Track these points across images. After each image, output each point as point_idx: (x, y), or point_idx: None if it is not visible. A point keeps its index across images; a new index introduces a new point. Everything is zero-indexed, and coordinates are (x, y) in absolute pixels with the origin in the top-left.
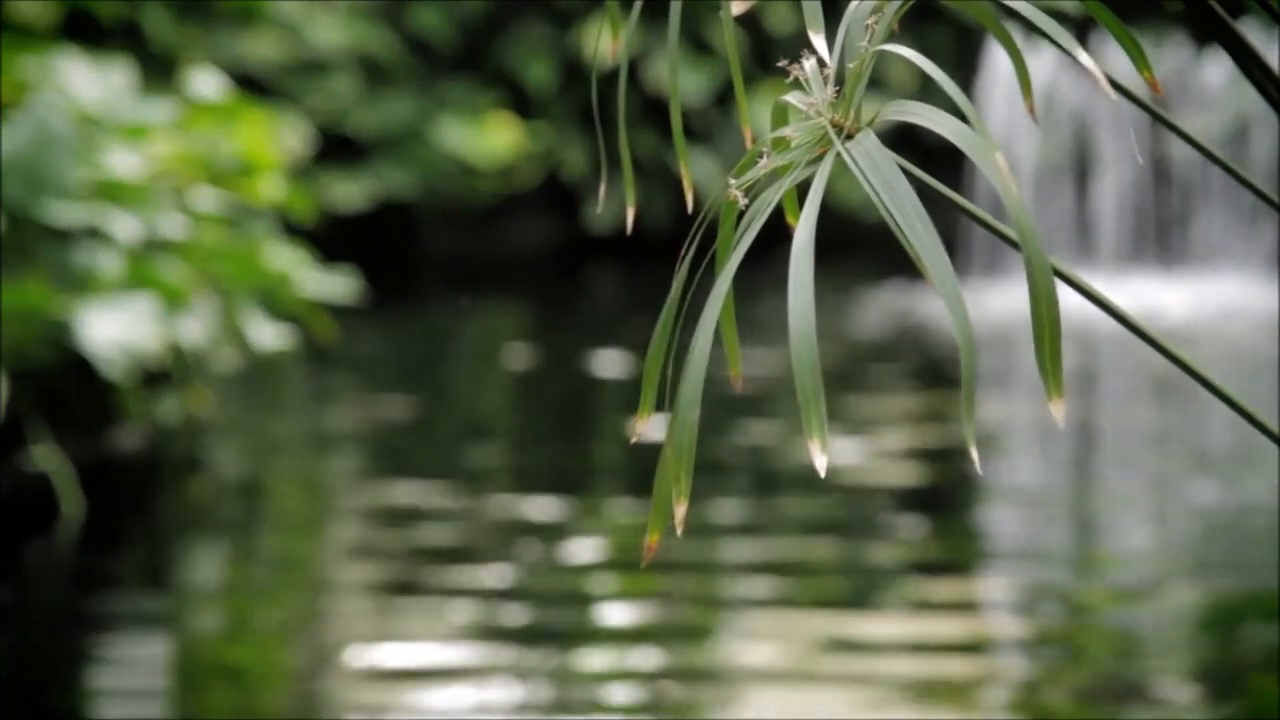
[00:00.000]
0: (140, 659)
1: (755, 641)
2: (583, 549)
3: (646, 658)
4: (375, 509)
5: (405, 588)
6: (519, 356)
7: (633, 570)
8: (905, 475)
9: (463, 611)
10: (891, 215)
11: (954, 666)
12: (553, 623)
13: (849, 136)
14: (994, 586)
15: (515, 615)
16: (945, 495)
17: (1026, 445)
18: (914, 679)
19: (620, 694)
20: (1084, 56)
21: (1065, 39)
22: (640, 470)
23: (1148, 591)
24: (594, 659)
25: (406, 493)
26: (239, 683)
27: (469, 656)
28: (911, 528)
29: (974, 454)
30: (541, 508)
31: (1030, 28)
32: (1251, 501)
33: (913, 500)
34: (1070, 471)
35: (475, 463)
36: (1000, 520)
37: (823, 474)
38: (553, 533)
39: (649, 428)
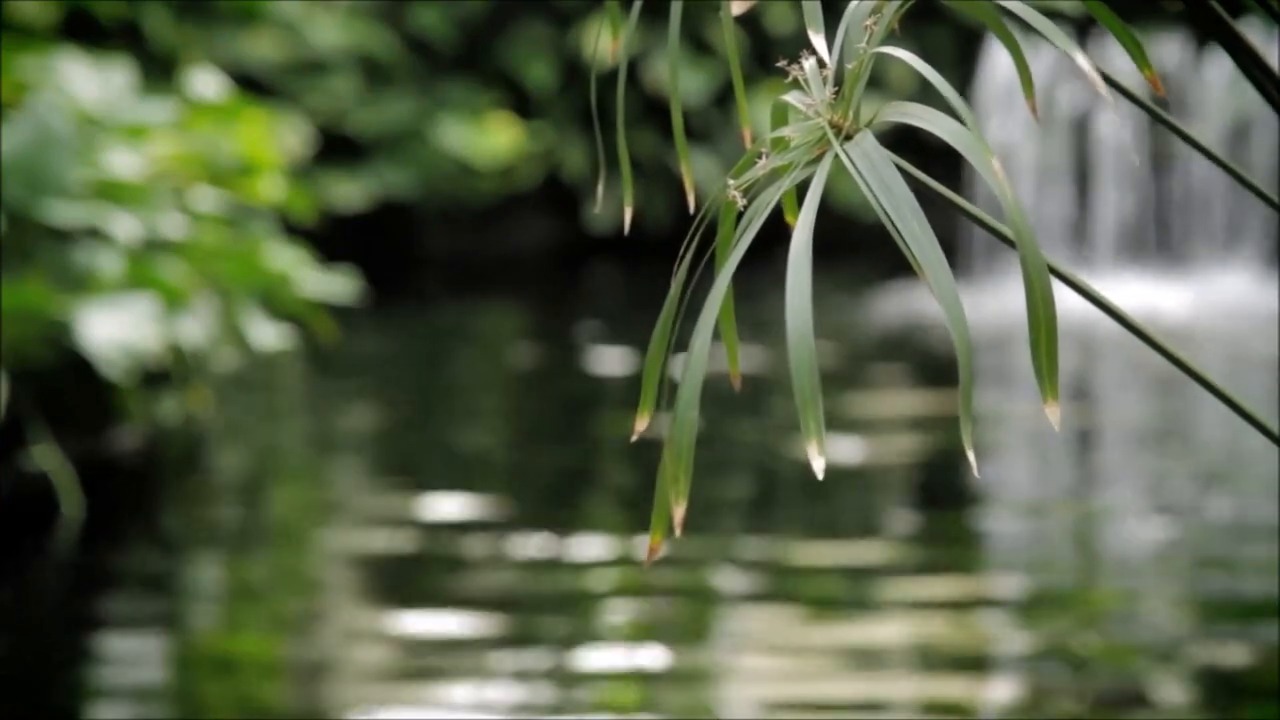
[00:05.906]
0: (140, 659)
1: (753, 645)
2: (583, 549)
3: (647, 658)
4: (375, 510)
5: (405, 589)
6: (520, 355)
7: (634, 569)
8: (903, 475)
9: (463, 612)
10: (889, 217)
11: (953, 671)
12: (553, 623)
13: (848, 137)
14: (994, 589)
15: (514, 616)
16: (942, 496)
17: (1023, 447)
18: (913, 681)
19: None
20: (1081, 57)
21: (1063, 40)
22: (640, 469)
23: (1149, 596)
24: (594, 659)
25: (406, 494)
26: (239, 683)
27: (470, 656)
28: (908, 528)
29: (971, 457)
30: (541, 507)
31: (1028, 28)
32: (1250, 502)
33: (910, 501)
34: (1067, 473)
35: (476, 463)
36: (997, 523)
37: (820, 476)
38: (551, 532)
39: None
